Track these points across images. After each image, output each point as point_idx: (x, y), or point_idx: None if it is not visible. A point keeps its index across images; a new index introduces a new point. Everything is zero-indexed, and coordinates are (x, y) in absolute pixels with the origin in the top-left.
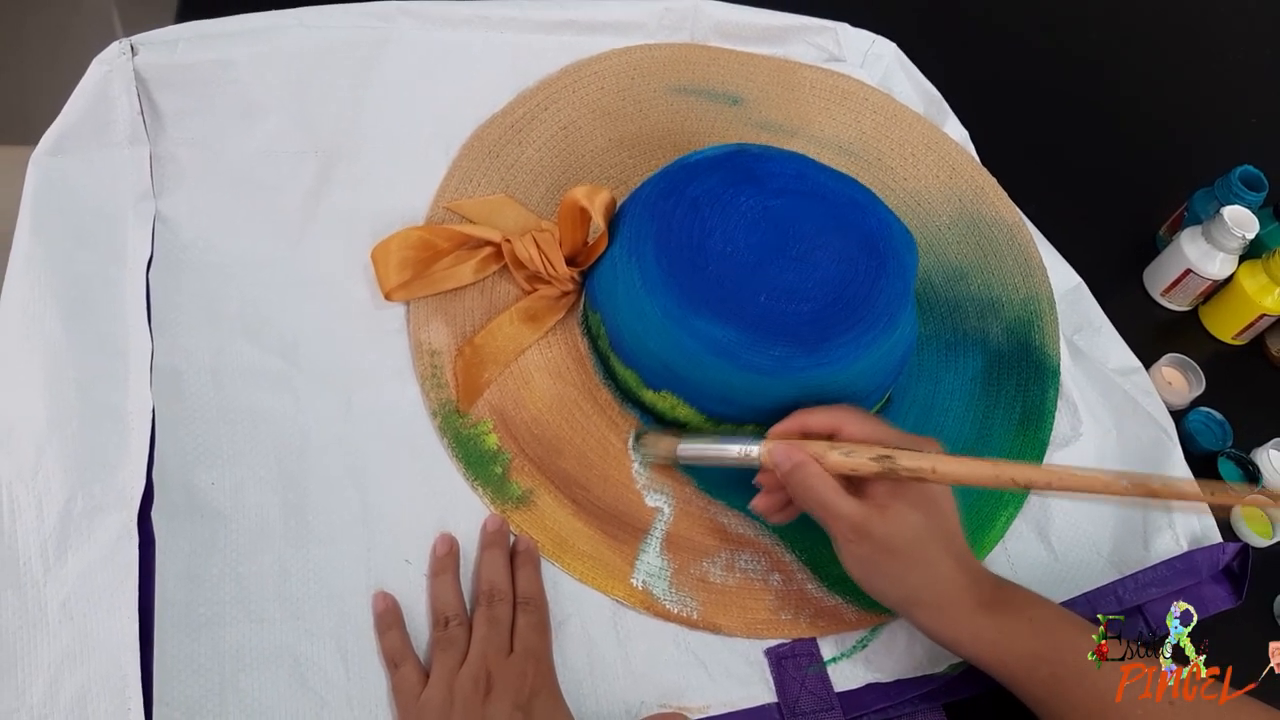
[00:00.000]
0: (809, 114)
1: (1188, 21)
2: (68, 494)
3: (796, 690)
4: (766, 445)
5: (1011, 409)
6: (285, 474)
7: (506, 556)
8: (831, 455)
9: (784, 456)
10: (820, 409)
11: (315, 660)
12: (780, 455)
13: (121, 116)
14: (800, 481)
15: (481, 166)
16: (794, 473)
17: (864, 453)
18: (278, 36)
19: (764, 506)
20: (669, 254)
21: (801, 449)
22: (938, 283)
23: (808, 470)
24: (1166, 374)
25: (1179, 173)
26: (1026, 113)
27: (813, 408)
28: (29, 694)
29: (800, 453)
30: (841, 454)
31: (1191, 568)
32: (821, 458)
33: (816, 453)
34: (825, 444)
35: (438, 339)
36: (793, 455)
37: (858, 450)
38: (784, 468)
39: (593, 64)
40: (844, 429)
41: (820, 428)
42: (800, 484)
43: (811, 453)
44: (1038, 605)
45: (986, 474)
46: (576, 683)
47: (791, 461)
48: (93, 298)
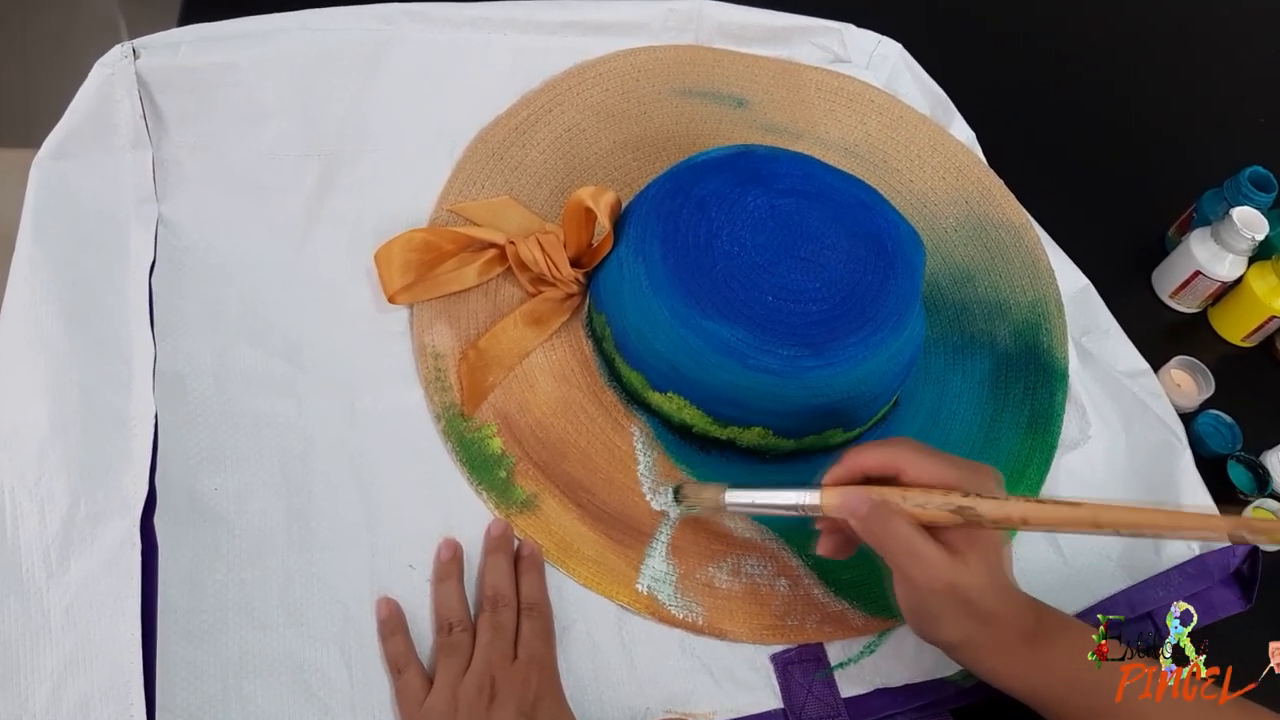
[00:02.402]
0: (814, 116)
1: (1196, 21)
2: (70, 500)
3: (803, 696)
4: (830, 493)
5: (1020, 412)
6: (288, 479)
7: (510, 562)
8: (904, 508)
9: (859, 502)
10: (873, 446)
11: (319, 667)
12: (855, 501)
13: (124, 120)
14: (882, 524)
15: (485, 168)
16: (872, 519)
17: (938, 502)
18: (280, 39)
19: (831, 551)
20: (675, 254)
21: (877, 494)
22: (945, 285)
23: (888, 516)
24: (1175, 376)
25: (1187, 173)
26: (1033, 113)
27: (865, 445)
28: (32, 701)
29: (877, 496)
30: (915, 505)
31: (1204, 571)
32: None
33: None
34: (898, 492)
35: (441, 342)
36: (869, 499)
37: (931, 499)
38: (861, 512)
39: (597, 65)
40: (905, 470)
41: (878, 469)
42: (882, 526)
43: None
44: (1073, 631)
45: (1082, 519)
46: (581, 689)
47: (869, 505)
48: (95, 302)
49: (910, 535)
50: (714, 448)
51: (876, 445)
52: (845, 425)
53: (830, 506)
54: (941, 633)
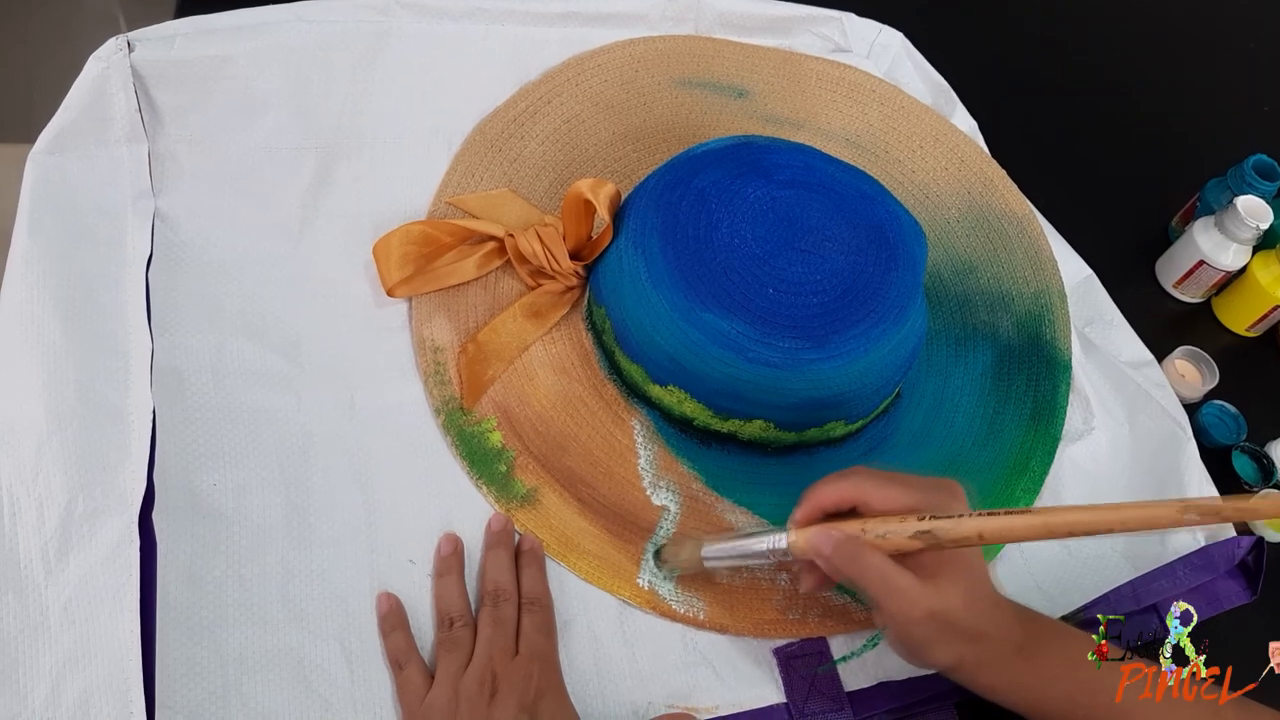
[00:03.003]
0: (815, 107)
1: (1199, 8)
2: (68, 496)
3: (805, 690)
4: (795, 534)
5: (1022, 404)
6: (287, 474)
7: (511, 556)
8: (867, 539)
9: (823, 541)
10: (831, 481)
11: (319, 662)
12: (820, 541)
13: (119, 114)
14: (850, 562)
15: (484, 160)
16: (838, 557)
17: (900, 530)
18: (276, 31)
19: (814, 586)
20: (675, 246)
21: (839, 531)
22: (947, 276)
23: (857, 552)
24: (1179, 367)
25: (1191, 162)
26: (1035, 102)
27: (823, 480)
28: (31, 698)
29: (840, 534)
30: (877, 536)
31: (1209, 563)
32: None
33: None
34: (857, 524)
35: (440, 335)
36: (832, 537)
37: (892, 528)
38: (825, 551)
39: (596, 56)
40: (867, 499)
41: (838, 503)
42: (850, 564)
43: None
44: (1065, 638)
45: (1035, 527)
46: (583, 684)
47: (833, 543)
48: (92, 297)
49: (881, 567)
50: (715, 441)
51: (834, 479)
52: (847, 418)
53: (798, 548)
54: (932, 657)
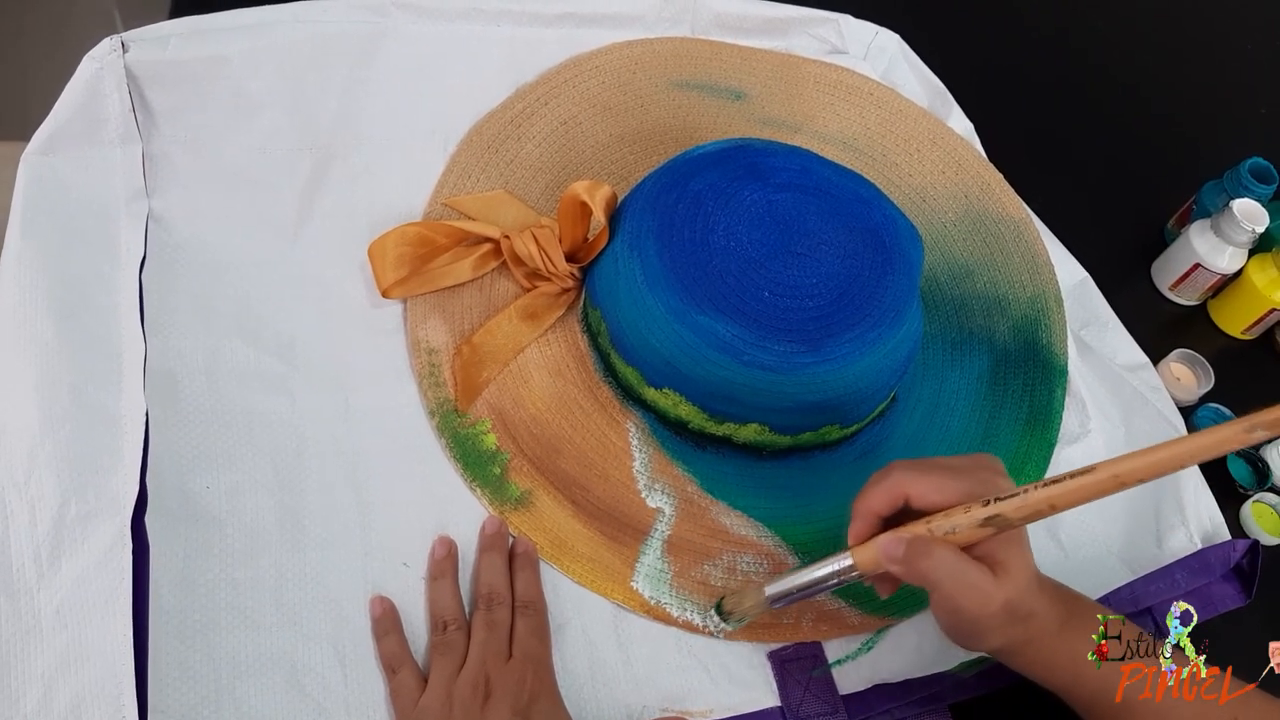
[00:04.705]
0: (812, 109)
1: (1196, 11)
2: (60, 499)
3: (800, 694)
4: (859, 551)
5: (1019, 408)
6: (281, 477)
7: (505, 559)
8: (937, 536)
9: (894, 548)
10: (873, 485)
11: (312, 666)
12: (891, 548)
13: (113, 114)
14: (924, 565)
15: (480, 162)
16: (911, 559)
17: (967, 521)
18: (270, 31)
19: (891, 592)
20: (671, 249)
21: (908, 533)
22: (943, 280)
23: (928, 550)
24: (1175, 370)
25: (1187, 165)
26: (1032, 104)
27: (864, 489)
28: (23, 702)
29: (909, 535)
30: (945, 532)
31: (1205, 566)
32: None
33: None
34: (922, 524)
35: (436, 337)
36: (903, 541)
37: (959, 521)
38: (899, 556)
39: (593, 58)
40: (910, 492)
41: (889, 503)
42: (925, 566)
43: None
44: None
45: (1104, 481)
46: (577, 688)
47: (904, 547)
48: (85, 299)
49: (956, 564)
50: (710, 444)
51: (875, 481)
52: (842, 421)
53: (865, 563)
54: (987, 643)
